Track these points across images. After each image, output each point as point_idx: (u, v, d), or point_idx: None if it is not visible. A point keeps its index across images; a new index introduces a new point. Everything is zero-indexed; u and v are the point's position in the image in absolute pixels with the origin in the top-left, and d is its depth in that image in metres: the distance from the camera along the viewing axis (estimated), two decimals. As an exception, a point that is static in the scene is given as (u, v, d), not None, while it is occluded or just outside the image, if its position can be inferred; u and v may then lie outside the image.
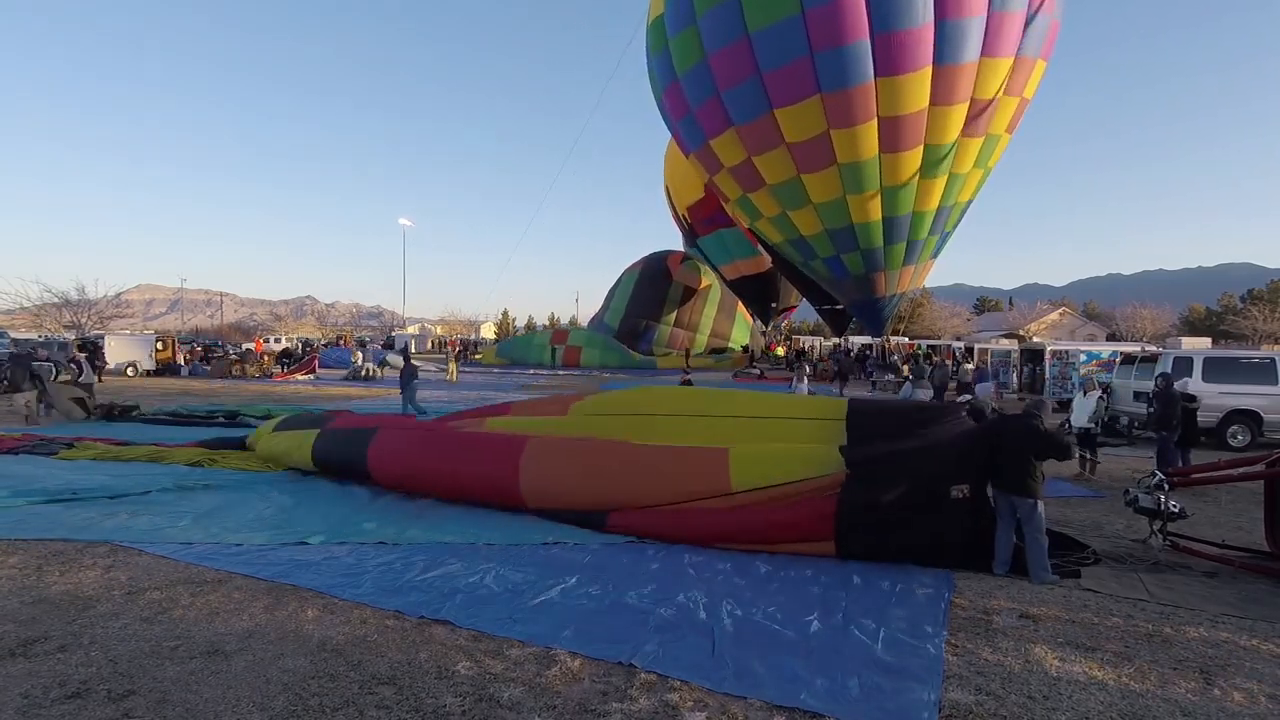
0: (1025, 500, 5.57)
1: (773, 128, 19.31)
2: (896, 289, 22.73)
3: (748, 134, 19.89)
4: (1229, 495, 8.55)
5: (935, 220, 20.87)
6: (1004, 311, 75.19)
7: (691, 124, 21.39)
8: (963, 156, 19.40)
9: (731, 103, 19.52)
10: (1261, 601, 5.15)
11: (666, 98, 21.91)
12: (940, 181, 19.69)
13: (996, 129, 19.41)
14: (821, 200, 20.40)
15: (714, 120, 20.30)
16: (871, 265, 21.73)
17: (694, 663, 3.90)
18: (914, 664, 3.92)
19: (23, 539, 5.96)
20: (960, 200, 20.97)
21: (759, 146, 20.01)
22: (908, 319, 61.07)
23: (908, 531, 5.75)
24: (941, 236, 21.90)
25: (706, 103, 20.12)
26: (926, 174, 19.38)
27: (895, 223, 20.50)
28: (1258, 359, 13.44)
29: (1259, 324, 47.79)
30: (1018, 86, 18.80)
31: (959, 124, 18.54)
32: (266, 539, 6.14)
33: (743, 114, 19.53)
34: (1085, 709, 3.46)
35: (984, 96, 18.24)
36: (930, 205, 20.23)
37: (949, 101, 17.97)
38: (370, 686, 3.56)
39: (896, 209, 20.12)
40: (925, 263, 22.56)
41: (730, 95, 19.34)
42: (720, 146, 20.91)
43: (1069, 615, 4.71)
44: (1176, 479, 6.62)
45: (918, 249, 21.57)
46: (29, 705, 3.33)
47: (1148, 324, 54.95)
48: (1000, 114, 19.03)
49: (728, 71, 19.10)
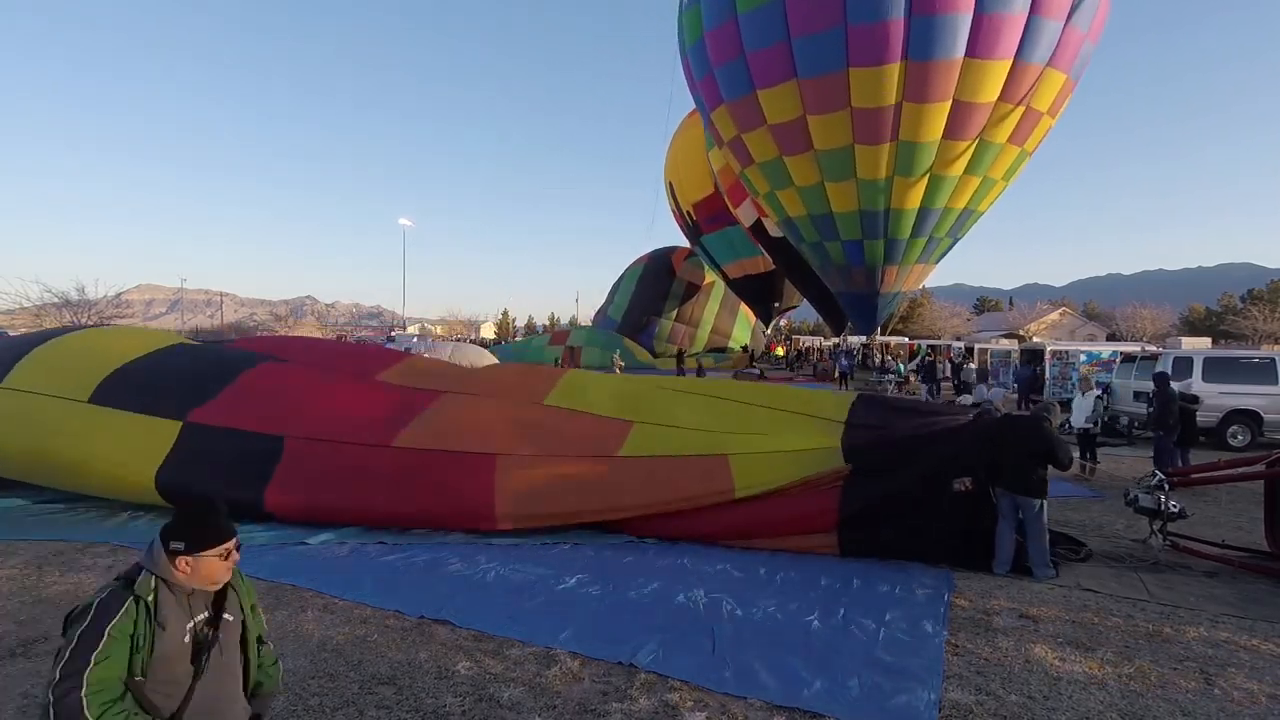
0: (1030, 501, 5.58)
1: (843, 88, 18.13)
2: (902, 286, 22.38)
3: (811, 89, 18.57)
4: (1229, 495, 8.55)
5: (957, 221, 20.59)
6: (1004, 311, 75.20)
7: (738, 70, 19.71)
8: (1001, 162, 19.17)
9: (803, 52, 18.22)
10: (1261, 601, 5.15)
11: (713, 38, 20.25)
12: (976, 181, 19.38)
13: (1029, 145, 19.40)
14: (867, 177, 19.42)
15: (774, 69, 18.85)
16: (890, 257, 21.19)
17: (694, 663, 3.90)
18: (914, 664, 3.92)
19: (23, 539, 5.95)
20: (980, 209, 20.73)
21: (820, 105, 18.75)
22: (907, 319, 61.08)
23: (909, 523, 5.78)
24: (952, 242, 21.70)
25: (769, 49, 18.72)
26: (971, 170, 19.02)
27: (928, 214, 19.99)
28: (1258, 359, 13.44)
29: (1259, 324, 47.78)
30: (1057, 107, 18.84)
31: (1012, 126, 18.27)
32: (267, 539, 6.12)
33: (813, 67, 18.28)
34: (1085, 709, 3.46)
35: (1036, 106, 18.09)
36: (960, 203, 19.90)
37: (1012, 100, 17.72)
38: (370, 686, 3.56)
39: (935, 200, 19.60)
40: (931, 265, 22.31)
41: (804, 43, 18.07)
42: (771, 99, 19.33)
43: (1069, 615, 4.71)
44: (1176, 479, 6.62)
45: (934, 248, 21.27)
46: (29, 705, 3.33)
47: (1148, 324, 54.95)
48: (1038, 130, 19.01)
49: (807, 17, 17.85)
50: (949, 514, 5.76)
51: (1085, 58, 18.50)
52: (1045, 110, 18.43)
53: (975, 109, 17.69)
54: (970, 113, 17.76)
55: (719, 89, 20.74)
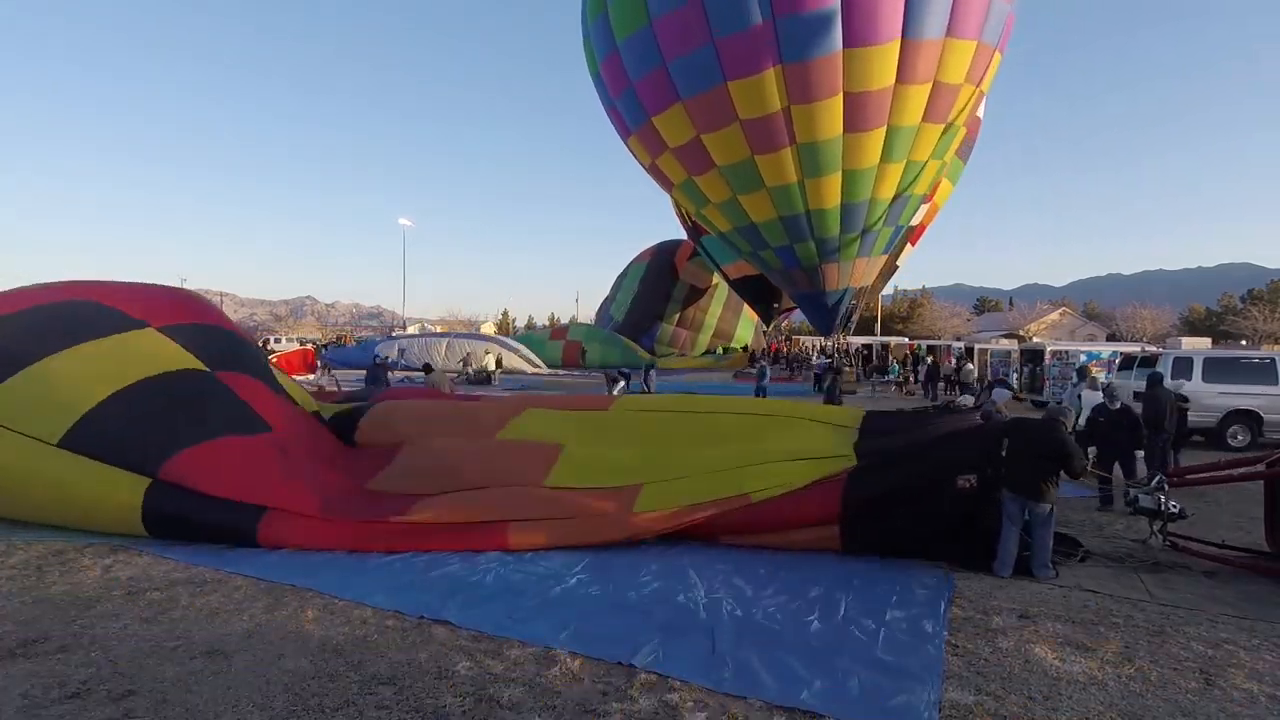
0: (1040, 505, 5.56)
1: (725, 102, 17.63)
2: (849, 282, 21.72)
3: (696, 109, 18.17)
4: (1229, 495, 8.55)
5: (891, 210, 19.87)
6: (1004, 311, 75.25)
7: (631, 99, 19.55)
8: (922, 143, 18.41)
9: (679, 74, 17.81)
10: (1261, 601, 5.15)
11: (604, 70, 20.02)
12: (899, 167, 18.66)
13: (956, 116, 18.57)
14: (776, 183, 18.92)
15: (659, 94, 18.52)
16: (825, 255, 20.61)
17: (694, 663, 3.90)
18: (914, 664, 3.92)
19: (23, 539, 5.95)
20: (916, 192, 20.09)
21: (709, 123, 18.29)
22: (908, 319, 61.07)
23: (912, 517, 5.80)
24: (895, 229, 21.05)
25: (650, 74, 18.31)
26: (886, 158, 18.26)
27: (852, 209, 19.35)
28: (1258, 359, 13.44)
29: (1259, 324, 47.81)
30: (976, 75, 17.93)
31: (921, 106, 17.48)
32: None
33: (692, 87, 17.86)
34: (1085, 709, 3.45)
35: (947, 80, 17.24)
36: (887, 193, 19.23)
37: (913, 80, 16.87)
38: (370, 686, 3.56)
39: (855, 194, 18.97)
40: (878, 256, 21.64)
41: (678, 65, 17.70)
42: (664, 123, 19.10)
43: (1069, 615, 4.70)
44: (1176, 479, 6.62)
45: (871, 239, 20.61)
46: (29, 705, 3.33)
47: (1148, 324, 54.99)
48: (959, 103, 18.16)
49: (676, 38, 17.39)
50: (952, 510, 5.77)
51: (999, 19, 17.65)
52: (961, 81, 17.63)
53: (870, 97, 16.97)
54: (866, 102, 17.04)
55: (623, 118, 20.66)
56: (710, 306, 37.46)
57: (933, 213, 26.26)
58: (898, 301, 67.64)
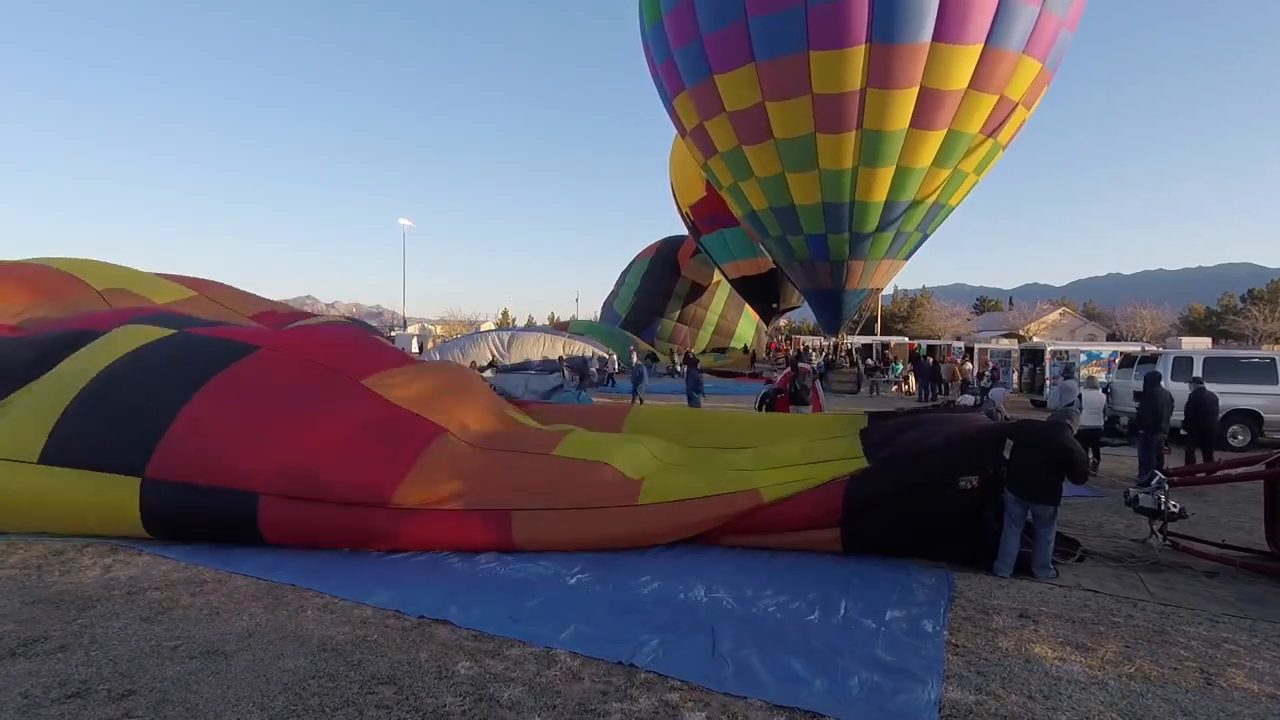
0: (1045, 508, 5.56)
1: (803, 72, 17.05)
2: (869, 283, 21.69)
3: (769, 73, 17.47)
4: (1229, 495, 8.55)
5: (926, 215, 19.90)
6: (1004, 311, 75.21)
7: (696, 53, 18.68)
8: (973, 155, 18.43)
9: (760, 33, 17.11)
10: (1261, 601, 5.15)
11: (670, 20, 19.13)
12: (946, 173, 18.62)
13: (1003, 136, 18.69)
14: (830, 167, 18.49)
15: (731, 52, 17.84)
16: (856, 251, 20.34)
17: (694, 663, 3.89)
18: (914, 664, 3.92)
19: (23, 539, 5.95)
20: (950, 202, 20.11)
21: (779, 91, 17.67)
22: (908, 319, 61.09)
23: (914, 519, 5.81)
24: (922, 236, 21.02)
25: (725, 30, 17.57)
26: (939, 163, 18.20)
27: (894, 208, 19.19)
28: (1258, 359, 13.45)
29: (1259, 324, 47.80)
30: (1031, 98, 18.10)
31: (985, 116, 17.46)
32: (266, 539, 6.12)
33: (772, 49, 17.21)
34: (1085, 709, 3.46)
35: (1010, 95, 17.27)
36: (930, 197, 19.19)
37: (984, 89, 16.86)
38: (370, 686, 3.56)
39: (901, 193, 18.75)
40: (900, 260, 21.58)
41: (761, 23, 16.96)
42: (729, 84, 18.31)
43: (1069, 615, 4.71)
44: (1176, 479, 6.62)
45: (902, 243, 20.56)
46: (29, 705, 3.33)
47: (1148, 324, 54.97)
48: (1010, 121, 18.31)
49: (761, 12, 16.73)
50: (954, 511, 5.77)
51: (1062, 46, 17.75)
52: (1019, 100, 17.66)
53: (944, 96, 16.82)
54: (939, 100, 16.89)
55: (679, 74, 19.63)
56: (712, 304, 37.45)
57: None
58: (898, 301, 67.65)
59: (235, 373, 6.80)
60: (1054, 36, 17.10)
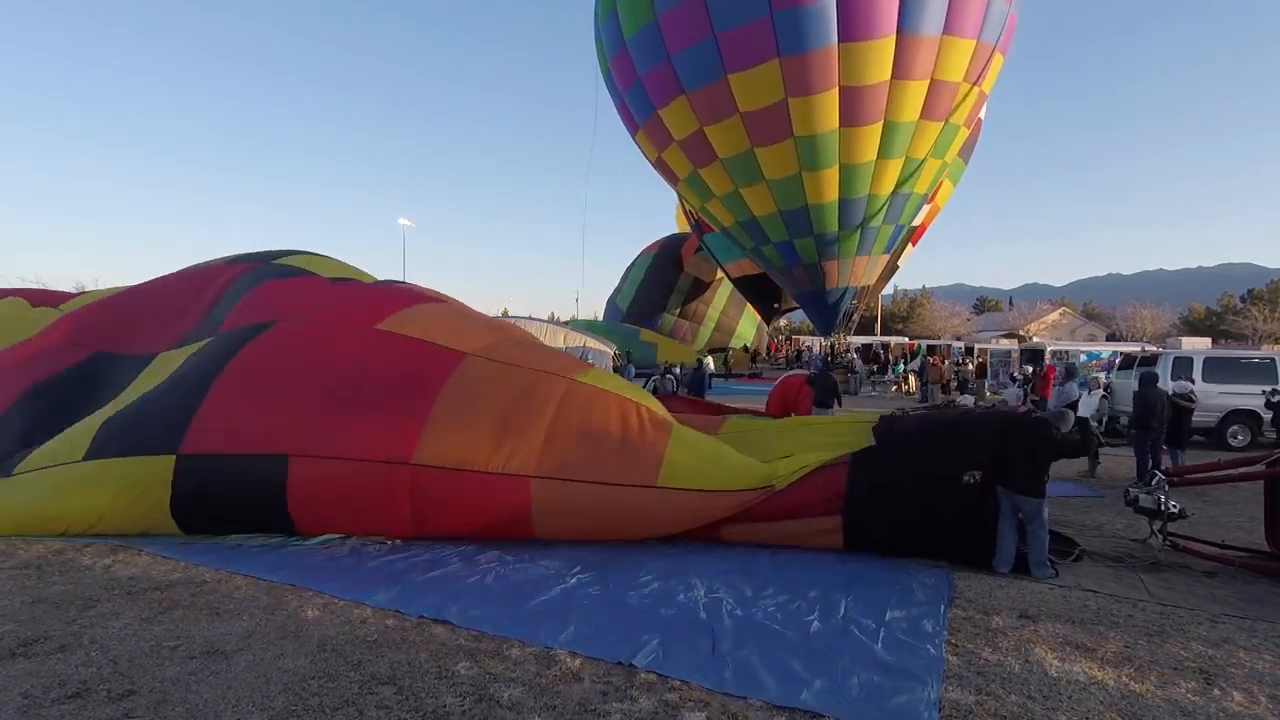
0: (1030, 500, 5.61)
1: (726, 94, 18.11)
2: (849, 281, 21.86)
3: (699, 101, 18.59)
4: (1229, 495, 8.55)
5: (890, 207, 20.10)
6: (1004, 311, 75.24)
7: (639, 93, 20.06)
8: (920, 141, 18.62)
9: (683, 67, 18.31)
10: (1262, 601, 5.15)
11: (614, 67, 20.50)
12: (897, 164, 18.95)
13: (956, 118, 18.78)
14: (775, 176, 19.31)
15: (664, 87, 19.09)
16: (824, 252, 20.85)
17: (694, 663, 3.90)
18: (914, 664, 3.92)
19: (23, 539, 5.95)
20: (917, 190, 20.28)
21: (711, 115, 18.77)
22: (908, 319, 61.08)
23: (915, 510, 5.82)
24: (896, 228, 21.16)
25: (656, 68, 18.88)
26: (884, 154, 18.58)
27: (850, 205, 19.63)
28: (1258, 359, 13.46)
29: (1259, 324, 47.81)
30: (974, 75, 18.09)
31: (918, 103, 17.76)
32: (266, 538, 6.12)
33: (695, 79, 18.35)
34: (1085, 709, 3.46)
35: (944, 78, 17.50)
36: (885, 189, 19.50)
37: (910, 76, 17.16)
38: (370, 686, 3.56)
39: (853, 190, 19.26)
40: (878, 255, 21.77)
41: (681, 59, 18.22)
42: (670, 116, 19.53)
43: (1069, 615, 4.71)
44: (1176, 479, 6.62)
45: (871, 238, 20.79)
46: (29, 705, 3.33)
47: (1148, 324, 55.00)
48: (959, 103, 18.42)
49: (679, 33, 17.93)
50: (956, 505, 5.78)
51: (999, 19, 17.77)
52: (960, 79, 17.80)
53: (866, 92, 17.25)
54: (861, 96, 17.32)
55: (631, 113, 21.19)
56: (714, 300, 37.38)
57: (934, 213, 26.31)
58: (898, 301, 67.67)
59: (255, 347, 6.98)
60: (981, 11, 17.24)
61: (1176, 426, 9.62)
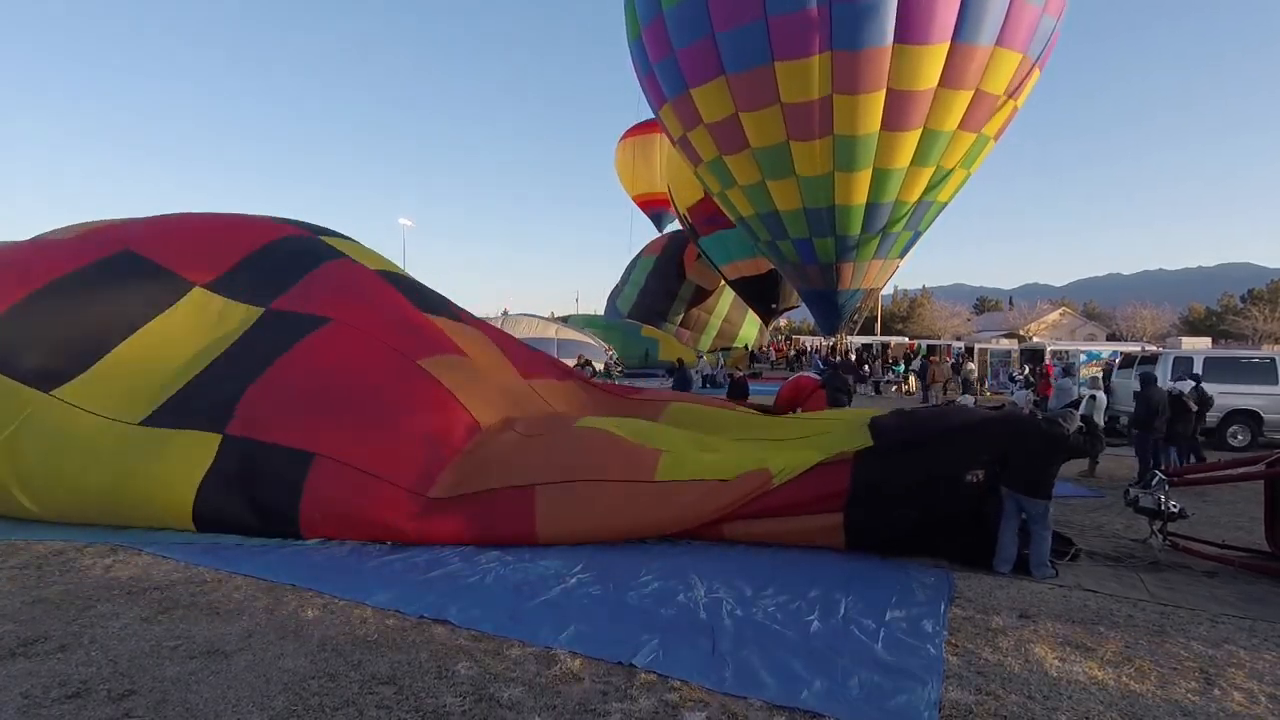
0: (1037, 503, 5.60)
1: (770, 82, 17.22)
2: (862, 283, 21.66)
3: (739, 85, 17.67)
4: (1229, 495, 8.55)
5: (914, 214, 19.83)
6: (1004, 311, 75.21)
7: (671, 68, 18.98)
8: (954, 150, 18.33)
9: (727, 47, 17.33)
10: (1262, 601, 5.15)
11: (646, 35, 19.30)
12: (928, 173, 18.60)
13: (988, 129, 18.51)
14: (807, 174, 18.75)
15: (703, 66, 18.16)
16: (843, 254, 20.49)
17: (694, 663, 3.90)
18: (914, 664, 3.92)
19: (23, 539, 5.95)
20: (940, 199, 20.05)
21: (750, 102, 17.87)
22: (908, 319, 61.09)
23: (918, 510, 5.81)
24: (914, 235, 21.00)
25: (696, 44, 18.01)
26: (918, 162, 18.20)
27: (877, 209, 19.27)
28: (1258, 359, 13.45)
29: (1259, 324, 47.79)
30: (1013, 88, 17.86)
31: (960, 113, 17.40)
32: (266, 538, 6.12)
33: (739, 62, 17.34)
34: (1085, 709, 3.46)
35: (988, 89, 17.15)
36: (913, 196, 19.15)
37: (957, 85, 16.76)
38: (370, 686, 3.56)
39: (882, 195, 18.85)
40: (893, 260, 21.54)
41: (727, 38, 17.31)
42: (703, 97, 18.57)
43: (1069, 615, 4.71)
44: (1176, 479, 6.62)
45: (890, 243, 20.53)
46: (29, 705, 3.33)
47: (1148, 324, 54.98)
48: (995, 115, 18.20)
49: (728, 10, 17.09)
50: (957, 506, 5.78)
51: (1045, 34, 17.47)
52: (1001, 93, 17.51)
53: (913, 97, 16.84)
54: (908, 101, 16.92)
55: (660, 86, 20.10)
56: (716, 307, 37.27)
57: (936, 213, 26.29)
58: (897, 301, 67.65)
59: (310, 343, 7.33)
60: (1032, 25, 16.93)
61: (1173, 426, 9.64)
